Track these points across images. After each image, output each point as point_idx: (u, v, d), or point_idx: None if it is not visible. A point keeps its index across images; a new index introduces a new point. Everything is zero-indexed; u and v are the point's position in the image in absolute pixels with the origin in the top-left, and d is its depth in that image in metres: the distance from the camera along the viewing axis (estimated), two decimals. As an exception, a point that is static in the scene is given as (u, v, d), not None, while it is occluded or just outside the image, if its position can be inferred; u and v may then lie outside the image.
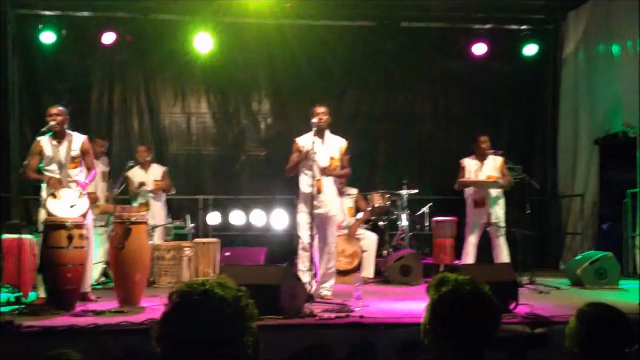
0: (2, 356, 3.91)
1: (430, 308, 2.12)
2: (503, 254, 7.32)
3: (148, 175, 8.26)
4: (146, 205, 8.09)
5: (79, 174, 6.03)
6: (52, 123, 5.90)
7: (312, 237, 5.98)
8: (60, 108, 6.07)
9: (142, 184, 8.12)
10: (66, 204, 5.73)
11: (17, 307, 5.30)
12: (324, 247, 6.19)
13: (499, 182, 7.40)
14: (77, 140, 6.06)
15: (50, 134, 5.96)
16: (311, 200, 5.96)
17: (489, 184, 7.45)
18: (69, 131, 6.06)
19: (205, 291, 1.65)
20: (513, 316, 4.91)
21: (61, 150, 5.95)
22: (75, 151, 6.01)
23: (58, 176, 5.88)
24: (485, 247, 7.57)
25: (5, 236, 6.17)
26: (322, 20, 9.70)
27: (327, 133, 6.27)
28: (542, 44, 9.92)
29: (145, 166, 8.30)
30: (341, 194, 8.28)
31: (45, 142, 5.95)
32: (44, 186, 5.94)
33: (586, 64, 9.50)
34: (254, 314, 1.71)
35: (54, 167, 5.92)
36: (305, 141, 6.17)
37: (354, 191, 8.43)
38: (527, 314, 4.88)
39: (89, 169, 6.13)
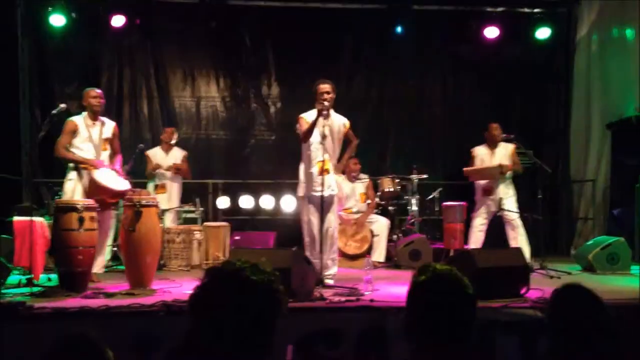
0: (13, 337, 3.92)
1: (409, 296, 2.18)
2: (520, 240, 7.23)
3: (168, 157, 8.30)
4: (163, 187, 8.13)
5: (106, 157, 6.29)
6: (97, 103, 6.23)
7: (322, 221, 5.90)
8: (99, 90, 6.41)
9: (158, 166, 8.15)
10: (111, 176, 6.04)
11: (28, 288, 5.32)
12: (327, 231, 6.00)
13: (503, 167, 7.33)
14: (109, 125, 6.39)
15: (83, 114, 6.25)
16: (320, 182, 5.87)
17: (492, 170, 7.39)
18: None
19: (237, 271, 1.64)
20: (524, 300, 4.90)
21: (94, 131, 6.21)
22: (107, 134, 6.30)
23: (92, 156, 6.11)
24: (500, 234, 7.52)
25: (16, 218, 6.20)
26: (331, 3, 9.62)
27: (332, 112, 6.11)
28: (554, 27, 9.80)
29: (166, 148, 8.33)
30: (353, 179, 8.28)
31: (80, 122, 6.17)
32: (71, 167, 6.14)
33: (599, 48, 9.41)
34: (284, 300, 1.72)
35: (88, 145, 6.15)
36: (311, 117, 6.04)
37: (365, 177, 8.42)
38: (538, 299, 4.85)
39: (116, 153, 6.43)
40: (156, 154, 8.27)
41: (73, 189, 6.06)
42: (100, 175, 5.97)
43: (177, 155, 8.38)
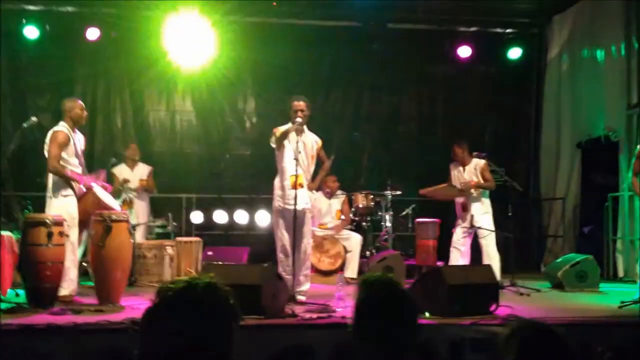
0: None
1: (354, 308, 2.22)
2: (488, 257, 7.20)
3: (134, 174, 8.25)
4: (129, 204, 8.05)
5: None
6: (85, 116, 5.86)
7: (294, 235, 5.88)
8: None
9: (125, 181, 8.09)
10: (107, 194, 5.87)
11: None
12: (300, 246, 6.01)
13: (457, 187, 7.35)
14: (81, 137, 5.92)
15: (65, 125, 5.69)
16: (292, 195, 5.87)
17: (447, 189, 7.43)
18: None
19: (191, 287, 1.64)
20: (493, 317, 4.93)
21: (77, 144, 5.78)
22: (82, 147, 5.92)
23: (79, 171, 5.74)
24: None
25: (-16, 233, 6.10)
26: (308, 20, 9.69)
27: (305, 129, 6.14)
28: (526, 47, 9.99)
29: (132, 164, 8.29)
30: (331, 195, 8.31)
31: (68, 134, 5.66)
32: (53, 181, 5.64)
33: (570, 68, 9.58)
34: (239, 314, 1.71)
35: (74, 159, 5.71)
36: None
37: (341, 194, 8.46)
38: (508, 316, 4.90)
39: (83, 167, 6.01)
40: (122, 171, 8.21)
41: (73, 204, 5.63)
42: (101, 193, 5.72)
43: (142, 170, 8.35)
